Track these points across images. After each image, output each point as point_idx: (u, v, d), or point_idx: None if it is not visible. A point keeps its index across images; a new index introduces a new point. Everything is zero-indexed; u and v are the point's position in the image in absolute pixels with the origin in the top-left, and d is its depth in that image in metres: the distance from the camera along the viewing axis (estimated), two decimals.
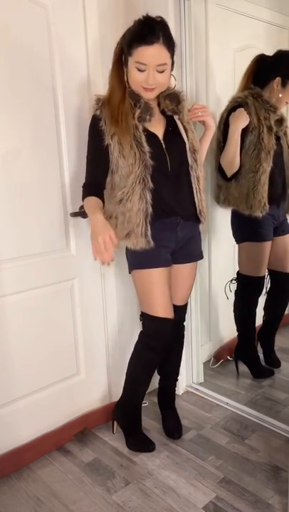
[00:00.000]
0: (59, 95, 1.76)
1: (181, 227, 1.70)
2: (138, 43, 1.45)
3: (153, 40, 1.44)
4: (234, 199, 2.05)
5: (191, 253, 1.79)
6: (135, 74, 1.51)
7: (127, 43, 1.50)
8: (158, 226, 1.63)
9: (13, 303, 1.74)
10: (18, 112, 1.66)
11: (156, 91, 1.55)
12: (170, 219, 1.67)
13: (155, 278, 1.68)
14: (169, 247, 1.71)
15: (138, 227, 1.58)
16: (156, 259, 1.67)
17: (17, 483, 1.71)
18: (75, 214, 1.87)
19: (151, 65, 1.47)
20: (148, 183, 1.56)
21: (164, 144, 1.61)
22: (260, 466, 1.73)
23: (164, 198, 1.62)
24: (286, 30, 2.61)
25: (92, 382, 2.07)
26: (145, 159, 1.55)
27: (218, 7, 2.21)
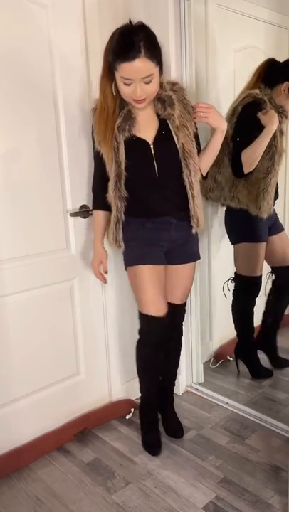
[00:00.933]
0: (59, 95, 1.76)
1: (175, 227, 1.70)
2: (120, 59, 1.43)
3: (134, 55, 1.41)
4: (244, 198, 2.02)
5: (187, 254, 1.79)
6: (123, 88, 1.50)
7: (111, 58, 1.48)
8: (149, 226, 1.68)
9: (13, 303, 1.75)
10: (18, 112, 1.66)
11: (146, 101, 1.54)
12: (162, 219, 1.68)
13: (145, 275, 1.70)
14: (163, 246, 1.72)
15: (111, 231, 1.72)
16: (147, 256, 1.71)
17: (17, 483, 1.71)
18: (75, 214, 1.87)
19: (137, 79, 1.46)
20: (120, 192, 1.62)
21: (154, 149, 1.60)
22: (260, 466, 1.73)
23: (147, 203, 1.65)
24: (286, 30, 2.61)
25: (92, 382, 2.07)
26: (118, 169, 1.59)
27: (218, 7, 2.21)
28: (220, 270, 2.53)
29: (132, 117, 1.58)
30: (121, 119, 1.57)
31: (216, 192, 2.10)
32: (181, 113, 1.61)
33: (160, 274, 1.73)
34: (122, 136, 1.57)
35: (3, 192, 1.66)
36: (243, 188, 2.02)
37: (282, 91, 1.97)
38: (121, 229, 1.69)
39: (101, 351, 2.09)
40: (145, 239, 1.69)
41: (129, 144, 1.59)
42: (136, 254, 1.71)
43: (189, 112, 1.63)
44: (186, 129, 1.61)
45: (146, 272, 1.70)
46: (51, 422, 1.92)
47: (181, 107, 1.62)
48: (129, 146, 1.59)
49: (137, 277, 1.71)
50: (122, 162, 1.59)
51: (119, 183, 1.61)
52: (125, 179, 1.61)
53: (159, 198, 1.65)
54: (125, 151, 1.59)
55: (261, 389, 2.23)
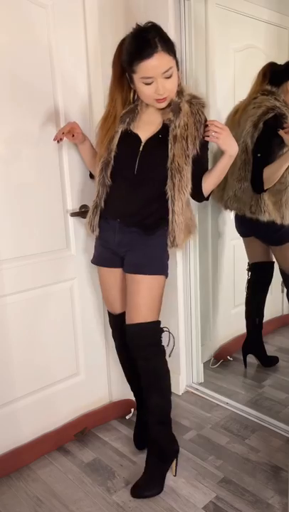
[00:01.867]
0: (59, 95, 1.76)
1: (119, 232, 1.63)
2: (138, 59, 1.41)
3: (151, 51, 1.39)
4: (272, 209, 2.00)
5: (130, 263, 1.63)
6: (144, 89, 1.46)
7: (127, 62, 1.46)
8: (103, 224, 1.68)
9: (13, 303, 1.75)
10: (18, 112, 1.66)
11: (168, 99, 1.50)
12: (111, 220, 1.65)
13: (101, 277, 1.78)
14: (110, 248, 1.69)
15: (88, 217, 1.69)
16: (101, 259, 1.75)
17: (17, 483, 1.71)
18: (75, 214, 1.87)
19: (157, 76, 1.42)
20: (104, 179, 1.60)
21: (143, 147, 1.56)
22: (260, 466, 1.73)
23: (113, 198, 1.63)
24: (286, 30, 2.61)
25: (92, 382, 2.07)
26: (107, 156, 1.58)
27: (218, 7, 2.21)
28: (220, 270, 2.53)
29: (135, 112, 1.57)
30: (125, 110, 1.57)
31: (235, 205, 2.08)
32: (188, 126, 1.51)
33: (114, 277, 1.73)
34: (120, 126, 1.57)
35: (4, 192, 1.66)
36: (269, 200, 1.99)
37: (288, 89, 1.97)
38: (98, 215, 1.66)
39: (101, 351, 2.09)
40: (102, 239, 1.70)
41: (124, 136, 1.58)
42: (96, 254, 1.77)
43: (198, 129, 1.53)
44: (184, 142, 1.52)
45: (101, 274, 1.78)
46: (51, 422, 1.92)
47: (191, 121, 1.52)
48: (122, 138, 1.58)
49: (99, 276, 1.80)
50: (113, 150, 1.57)
51: (105, 170, 1.59)
52: (111, 168, 1.59)
53: (125, 195, 1.60)
54: (118, 141, 1.58)
55: (261, 389, 2.23)
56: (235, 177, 2.02)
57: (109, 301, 1.81)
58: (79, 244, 1.92)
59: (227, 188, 2.10)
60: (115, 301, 1.78)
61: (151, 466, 1.64)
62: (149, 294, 1.60)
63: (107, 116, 1.60)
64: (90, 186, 1.92)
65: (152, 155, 1.56)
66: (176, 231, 1.59)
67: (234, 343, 2.60)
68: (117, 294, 1.76)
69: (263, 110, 1.91)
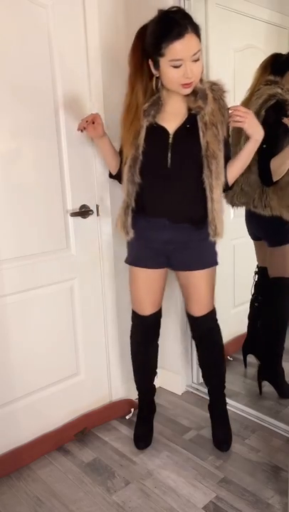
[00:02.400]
0: (59, 94, 1.76)
1: (169, 229, 1.62)
2: (168, 40, 1.37)
3: (182, 31, 1.36)
4: (276, 204, 1.92)
5: (188, 260, 1.68)
6: (172, 73, 1.42)
7: (153, 46, 1.42)
8: (142, 224, 1.64)
9: (13, 303, 1.74)
10: (18, 111, 1.66)
11: (193, 85, 1.47)
12: (156, 219, 1.63)
13: (137, 278, 1.74)
14: (156, 248, 1.67)
15: (119, 218, 1.67)
16: (141, 260, 1.71)
17: (17, 483, 1.71)
18: (75, 214, 1.87)
19: (186, 58, 1.39)
20: (133, 176, 1.58)
21: (172, 139, 1.54)
22: (260, 466, 1.73)
23: (150, 196, 1.60)
24: (286, 30, 2.61)
25: (92, 382, 2.07)
26: (135, 153, 1.55)
27: (218, 7, 2.21)
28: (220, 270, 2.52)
29: (159, 104, 1.53)
30: (149, 103, 1.53)
31: (242, 199, 2.00)
32: (214, 112, 1.53)
33: (155, 278, 1.73)
34: (145, 120, 1.54)
35: (4, 192, 1.66)
36: (273, 194, 1.91)
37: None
38: (130, 216, 1.63)
39: (101, 351, 2.09)
40: (143, 239, 1.66)
41: (150, 130, 1.55)
42: (133, 254, 1.74)
43: (223, 114, 1.54)
44: (215, 128, 1.52)
45: (138, 275, 1.73)
46: (51, 422, 1.92)
47: (216, 107, 1.53)
48: (148, 132, 1.55)
49: (131, 276, 1.78)
50: (140, 146, 1.54)
51: (134, 167, 1.57)
52: (140, 164, 1.57)
53: (162, 194, 1.59)
54: (144, 136, 1.55)
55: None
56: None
57: (140, 302, 1.77)
58: (79, 244, 1.92)
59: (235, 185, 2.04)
60: (148, 302, 1.76)
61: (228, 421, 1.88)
62: (211, 285, 1.74)
63: (129, 107, 1.57)
64: (90, 186, 1.92)
65: (184, 147, 1.54)
66: (217, 220, 1.59)
67: (234, 343, 2.60)
68: (151, 295, 1.75)
69: (264, 98, 1.85)
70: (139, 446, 1.86)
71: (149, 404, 1.96)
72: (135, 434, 1.90)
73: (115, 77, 1.91)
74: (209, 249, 1.70)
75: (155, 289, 1.76)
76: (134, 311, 1.82)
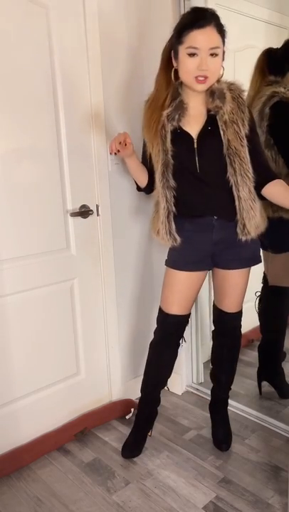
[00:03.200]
0: (59, 94, 1.76)
1: (217, 229, 1.62)
2: (189, 28, 1.42)
3: (204, 23, 1.41)
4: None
5: (234, 259, 1.68)
6: (187, 61, 1.44)
7: (177, 31, 1.46)
8: (188, 227, 1.63)
9: (13, 303, 1.75)
10: (18, 111, 1.66)
11: (208, 81, 1.47)
12: (202, 219, 1.62)
13: (175, 280, 1.70)
14: (204, 250, 1.66)
15: (162, 225, 1.62)
16: (182, 263, 1.68)
17: (17, 483, 1.71)
18: (75, 214, 1.87)
19: (203, 49, 1.41)
20: (168, 181, 1.57)
21: (197, 143, 1.54)
22: (260, 466, 1.73)
23: (191, 199, 1.60)
24: (286, 30, 2.61)
25: (92, 382, 2.07)
26: (165, 158, 1.55)
27: (218, 7, 2.20)
28: None
29: (183, 107, 1.54)
30: (172, 108, 1.53)
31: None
32: (233, 110, 1.53)
33: (193, 281, 1.70)
34: (170, 125, 1.54)
35: (3, 192, 1.66)
36: None
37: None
38: (173, 221, 1.60)
39: (101, 351, 2.09)
40: (190, 242, 1.63)
41: (174, 135, 1.55)
42: (173, 257, 1.71)
43: (243, 111, 1.54)
44: (236, 126, 1.52)
45: (177, 277, 1.70)
46: (51, 422, 1.92)
47: (235, 105, 1.53)
48: (173, 137, 1.55)
49: (168, 278, 1.73)
50: (169, 150, 1.54)
51: (167, 172, 1.56)
52: (173, 168, 1.56)
53: (200, 196, 1.59)
54: (171, 141, 1.55)
55: (261, 389, 2.23)
56: None
57: (173, 303, 1.72)
58: (79, 244, 1.92)
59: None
60: (180, 302, 1.72)
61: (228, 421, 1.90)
62: (246, 284, 1.76)
63: (153, 99, 1.58)
64: (90, 186, 1.92)
65: (209, 150, 1.54)
66: (246, 218, 1.57)
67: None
68: (187, 296, 1.72)
69: (267, 95, 1.82)
70: (124, 454, 1.81)
71: (150, 413, 1.88)
72: (126, 441, 1.85)
73: (116, 77, 1.92)
74: (251, 248, 1.68)
75: (193, 291, 1.73)
76: (164, 312, 1.74)
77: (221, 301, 1.80)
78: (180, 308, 1.73)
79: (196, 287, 1.74)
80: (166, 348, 1.79)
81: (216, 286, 1.80)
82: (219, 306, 1.81)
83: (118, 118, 1.94)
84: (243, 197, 1.55)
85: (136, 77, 2.00)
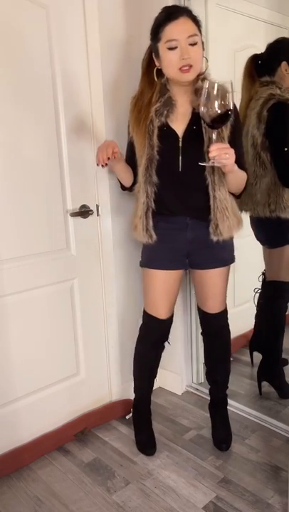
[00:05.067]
0: (59, 94, 1.76)
1: (191, 228, 1.62)
2: (164, 23, 1.44)
3: (177, 15, 1.44)
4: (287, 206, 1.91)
5: (209, 258, 1.67)
6: (169, 55, 1.45)
7: (154, 31, 1.48)
8: (163, 225, 1.63)
9: (13, 303, 1.74)
10: (19, 111, 1.66)
11: (193, 70, 1.46)
12: (177, 218, 1.62)
13: (153, 280, 1.71)
14: (179, 248, 1.66)
15: (140, 220, 1.63)
16: (157, 261, 1.68)
17: (17, 483, 1.71)
18: (75, 214, 1.87)
19: (181, 39, 1.43)
20: (151, 177, 1.56)
21: (182, 142, 1.54)
22: (260, 466, 1.73)
23: (169, 197, 1.59)
24: (286, 30, 2.60)
25: (92, 382, 2.07)
26: (151, 153, 1.55)
27: (218, 7, 2.21)
28: None
29: (172, 103, 1.55)
30: (160, 103, 1.54)
31: (250, 204, 1.97)
32: None
33: (171, 280, 1.71)
34: (158, 120, 1.54)
35: (3, 192, 1.66)
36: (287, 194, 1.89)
37: (283, 72, 1.89)
38: (151, 218, 1.60)
39: (101, 351, 2.09)
40: (165, 240, 1.64)
41: (161, 132, 1.55)
42: (148, 256, 1.71)
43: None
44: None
45: (154, 276, 1.70)
46: (51, 422, 1.92)
47: None
48: (160, 134, 1.55)
49: (146, 279, 1.74)
50: (155, 146, 1.54)
51: (151, 167, 1.56)
52: (157, 164, 1.56)
53: (178, 196, 1.59)
54: (158, 137, 1.55)
55: (261, 389, 2.23)
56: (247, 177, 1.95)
57: (157, 305, 1.74)
58: (79, 244, 1.92)
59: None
60: (164, 305, 1.73)
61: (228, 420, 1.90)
62: (226, 283, 1.76)
63: (139, 96, 1.60)
64: (90, 186, 1.92)
65: (193, 149, 1.53)
66: (219, 218, 1.56)
67: (234, 343, 2.57)
68: (168, 297, 1.73)
69: (264, 98, 1.84)
70: (149, 452, 1.82)
71: (148, 409, 1.93)
72: (141, 442, 1.86)
73: (116, 76, 1.92)
74: (227, 247, 1.69)
75: (173, 291, 1.74)
76: (150, 315, 1.76)
77: (203, 303, 1.79)
78: (165, 311, 1.75)
79: (176, 287, 1.74)
80: (159, 349, 1.84)
81: (196, 288, 1.80)
82: (202, 307, 1.80)
83: (118, 118, 1.94)
84: (219, 197, 1.54)
85: (136, 78, 1.99)
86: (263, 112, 1.83)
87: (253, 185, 1.91)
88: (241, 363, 2.47)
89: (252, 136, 1.88)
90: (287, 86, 1.88)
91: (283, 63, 1.88)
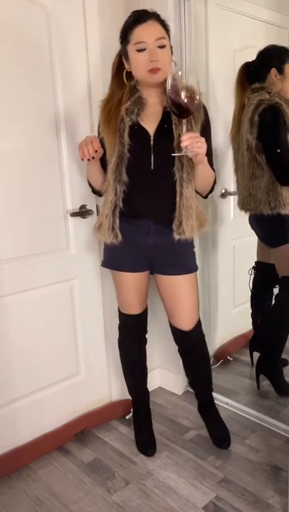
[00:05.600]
0: (59, 94, 1.76)
1: (154, 233, 1.60)
2: (133, 26, 1.46)
3: (145, 18, 1.46)
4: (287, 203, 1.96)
5: (171, 264, 1.63)
6: (137, 57, 1.47)
7: (123, 34, 1.50)
8: (127, 227, 1.61)
9: (13, 303, 1.75)
10: (18, 112, 1.66)
11: (161, 72, 1.46)
12: (141, 221, 1.60)
13: (122, 282, 1.72)
14: (141, 252, 1.64)
15: (107, 219, 1.60)
16: (123, 264, 1.67)
17: (17, 483, 1.71)
18: (75, 214, 1.87)
19: (150, 41, 1.44)
20: (120, 175, 1.55)
21: (153, 141, 1.53)
22: (260, 466, 1.73)
23: (137, 197, 1.57)
24: (286, 30, 2.61)
25: (92, 382, 2.07)
26: (121, 150, 1.53)
27: (218, 7, 2.21)
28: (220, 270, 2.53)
29: (142, 102, 1.55)
30: (131, 102, 1.55)
31: (252, 203, 2.01)
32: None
33: (141, 279, 1.71)
34: (128, 119, 1.54)
35: (3, 192, 1.66)
36: (287, 193, 1.93)
37: (274, 78, 1.96)
38: (118, 217, 1.58)
39: (101, 351, 2.09)
40: (128, 242, 1.61)
41: (132, 131, 1.54)
42: (113, 258, 1.70)
43: (198, 111, 1.52)
44: (188, 124, 1.49)
45: (122, 278, 1.71)
46: (51, 422, 1.92)
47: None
48: (131, 133, 1.54)
49: (115, 280, 1.76)
50: (126, 144, 1.53)
51: (121, 165, 1.54)
52: (127, 162, 1.54)
53: (145, 198, 1.57)
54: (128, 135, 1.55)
55: (261, 389, 2.23)
56: (246, 176, 1.99)
57: (129, 305, 1.76)
58: (79, 244, 1.92)
59: (240, 188, 2.06)
60: (136, 304, 1.75)
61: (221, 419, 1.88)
62: (195, 293, 1.70)
63: (108, 98, 1.60)
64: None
65: (164, 147, 1.52)
66: (184, 216, 1.53)
67: (234, 343, 2.60)
68: (139, 296, 1.74)
69: (255, 104, 1.91)
70: (149, 453, 1.82)
71: (147, 408, 1.94)
72: (140, 442, 1.86)
73: None
74: (189, 254, 1.67)
75: (143, 289, 1.75)
76: (126, 314, 1.79)
77: (174, 318, 1.73)
78: (139, 307, 1.77)
79: (145, 284, 1.74)
80: (142, 343, 1.86)
81: (164, 301, 1.73)
82: (175, 324, 1.74)
83: None
84: (185, 194, 1.53)
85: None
86: (255, 117, 1.90)
87: (253, 186, 1.97)
88: (241, 363, 2.47)
89: (246, 141, 1.94)
90: (277, 91, 1.95)
91: (273, 69, 1.96)
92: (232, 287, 2.61)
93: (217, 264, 2.51)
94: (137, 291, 1.73)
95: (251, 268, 2.30)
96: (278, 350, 2.16)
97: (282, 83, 1.96)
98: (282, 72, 1.96)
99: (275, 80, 1.96)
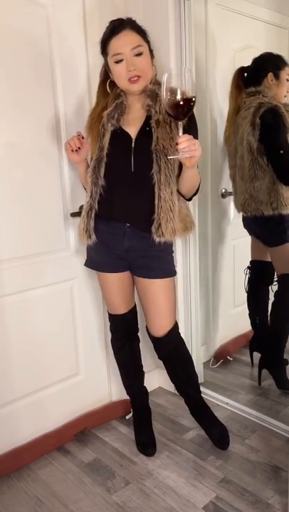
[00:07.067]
0: (59, 95, 1.76)
1: (128, 236, 1.60)
2: (108, 38, 1.48)
3: (119, 29, 1.47)
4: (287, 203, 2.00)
5: (146, 267, 1.63)
6: (116, 68, 1.49)
7: (101, 46, 1.53)
8: (103, 229, 1.62)
9: (13, 303, 1.75)
10: (19, 112, 1.66)
11: (141, 80, 1.49)
12: (117, 224, 1.60)
13: (105, 282, 1.74)
14: (116, 253, 1.64)
15: (82, 220, 1.64)
16: (104, 265, 1.70)
17: (17, 483, 1.71)
18: (75, 214, 1.87)
19: (125, 52, 1.46)
20: (97, 178, 1.57)
21: (134, 144, 1.54)
22: (260, 466, 1.73)
23: (115, 200, 1.58)
24: (286, 30, 2.61)
25: (92, 382, 2.07)
26: (100, 154, 1.56)
27: (218, 7, 2.21)
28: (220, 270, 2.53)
29: (122, 107, 1.56)
30: (112, 107, 1.57)
31: (253, 205, 2.03)
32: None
33: (124, 279, 1.72)
34: (109, 124, 1.55)
35: (4, 192, 1.66)
36: (287, 193, 1.98)
37: (270, 82, 2.02)
38: (93, 219, 1.60)
39: (101, 351, 2.09)
40: (104, 244, 1.64)
41: (114, 135, 1.56)
42: (94, 259, 1.72)
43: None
44: (168, 127, 1.49)
45: (105, 278, 1.73)
46: (51, 422, 1.92)
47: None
48: (113, 137, 1.56)
49: (99, 281, 1.78)
50: (105, 148, 1.55)
51: (98, 168, 1.57)
52: (105, 166, 1.56)
53: (124, 197, 1.57)
54: (109, 140, 1.56)
55: (261, 389, 2.23)
56: (247, 178, 2.02)
57: (114, 305, 1.78)
58: (79, 244, 1.92)
59: (240, 191, 2.08)
60: (120, 303, 1.77)
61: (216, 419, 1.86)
62: (171, 298, 1.68)
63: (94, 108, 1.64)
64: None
65: (145, 149, 1.52)
66: (163, 218, 1.50)
67: (234, 343, 2.60)
68: (123, 296, 1.75)
69: (255, 107, 1.95)
70: (149, 453, 1.81)
71: (145, 408, 1.94)
72: (140, 442, 1.86)
73: None
74: (168, 259, 1.66)
75: (128, 289, 1.76)
76: (113, 314, 1.81)
77: (148, 323, 1.73)
78: (125, 306, 1.78)
79: (129, 284, 1.75)
80: (133, 341, 1.87)
81: (142, 306, 1.73)
82: (150, 330, 1.73)
83: None
84: (164, 196, 1.50)
85: None
86: (256, 119, 1.94)
87: (254, 188, 2.01)
88: (241, 363, 2.47)
89: (248, 143, 1.97)
90: (273, 95, 2.01)
91: (269, 74, 2.01)
92: (232, 287, 2.61)
93: (217, 264, 2.51)
94: (120, 291, 1.74)
95: (246, 268, 2.32)
96: (281, 344, 2.18)
97: (278, 88, 2.03)
98: (278, 78, 2.03)
99: (271, 84, 2.02)
